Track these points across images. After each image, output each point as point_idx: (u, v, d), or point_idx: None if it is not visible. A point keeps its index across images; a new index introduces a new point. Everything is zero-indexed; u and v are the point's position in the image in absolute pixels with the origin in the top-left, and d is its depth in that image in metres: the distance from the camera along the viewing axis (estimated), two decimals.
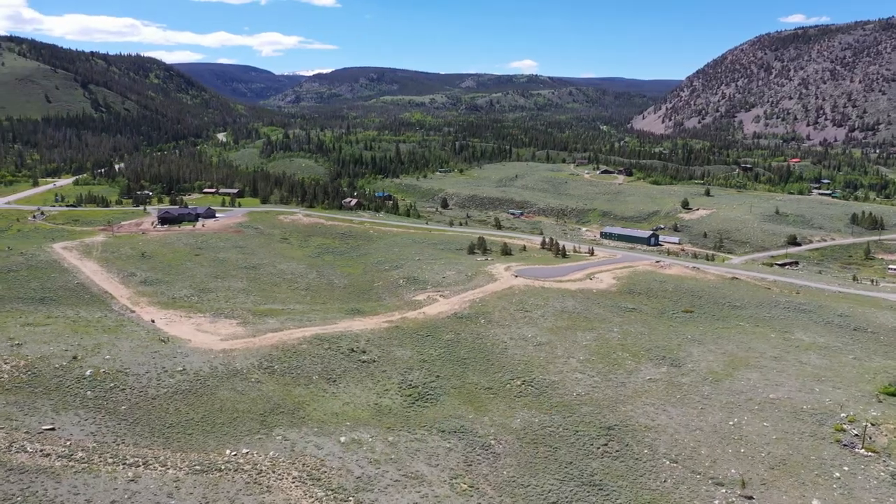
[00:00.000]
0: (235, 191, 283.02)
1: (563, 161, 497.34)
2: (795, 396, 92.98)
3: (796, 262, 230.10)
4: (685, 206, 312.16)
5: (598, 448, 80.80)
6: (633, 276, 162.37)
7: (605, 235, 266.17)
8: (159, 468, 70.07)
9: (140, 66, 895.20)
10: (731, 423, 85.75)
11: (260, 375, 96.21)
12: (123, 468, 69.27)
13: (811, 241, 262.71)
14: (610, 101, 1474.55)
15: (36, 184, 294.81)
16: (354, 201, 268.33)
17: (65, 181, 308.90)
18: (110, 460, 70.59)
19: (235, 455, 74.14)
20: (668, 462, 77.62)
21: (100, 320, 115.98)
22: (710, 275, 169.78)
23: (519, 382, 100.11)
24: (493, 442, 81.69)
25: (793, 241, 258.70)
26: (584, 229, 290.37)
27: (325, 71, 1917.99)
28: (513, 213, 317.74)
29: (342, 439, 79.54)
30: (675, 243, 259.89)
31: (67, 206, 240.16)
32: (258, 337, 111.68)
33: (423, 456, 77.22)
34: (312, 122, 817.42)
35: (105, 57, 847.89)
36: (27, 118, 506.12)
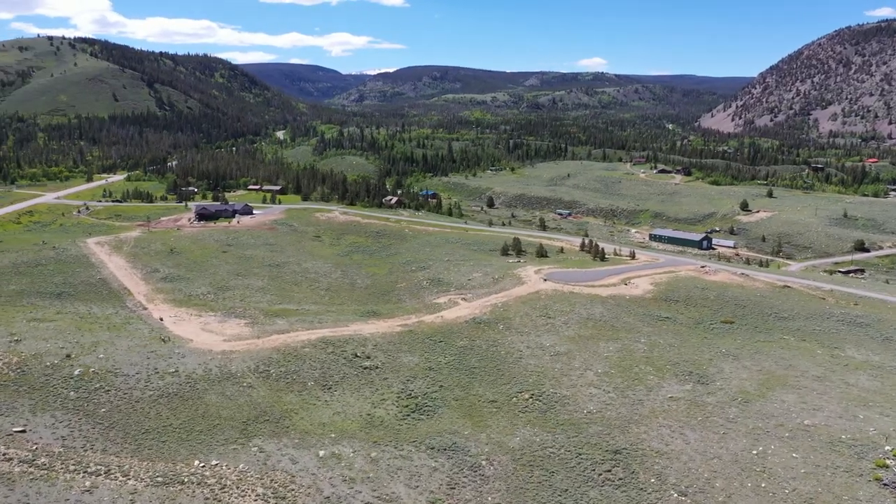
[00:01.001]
0: (278, 188, 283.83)
1: (620, 160, 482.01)
2: (834, 423, 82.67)
3: (862, 270, 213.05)
4: (744, 207, 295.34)
5: (601, 475, 73.09)
6: (672, 282, 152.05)
7: (654, 238, 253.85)
8: (120, 478, 66.52)
9: (206, 66, 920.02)
10: (754, 451, 76.47)
11: (253, 380, 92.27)
12: (83, 476, 66.02)
13: (881, 247, 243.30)
14: (678, 99, 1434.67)
15: (90, 179, 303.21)
16: (395, 199, 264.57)
17: (118, 177, 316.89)
18: (72, 467, 67.48)
19: (203, 467, 70.01)
20: (675, 494, 69.31)
21: (108, 317, 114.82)
22: (759, 282, 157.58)
23: (527, 396, 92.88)
24: (484, 462, 75.04)
25: (860, 247, 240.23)
26: (633, 231, 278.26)
27: (389, 70, 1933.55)
28: (560, 214, 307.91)
29: (321, 453, 74.49)
30: (729, 247, 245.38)
31: (113, 201, 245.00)
32: (262, 338, 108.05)
33: (404, 475, 71.33)
34: (371, 119, 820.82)
35: (173, 57, 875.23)
36: (94, 116, 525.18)
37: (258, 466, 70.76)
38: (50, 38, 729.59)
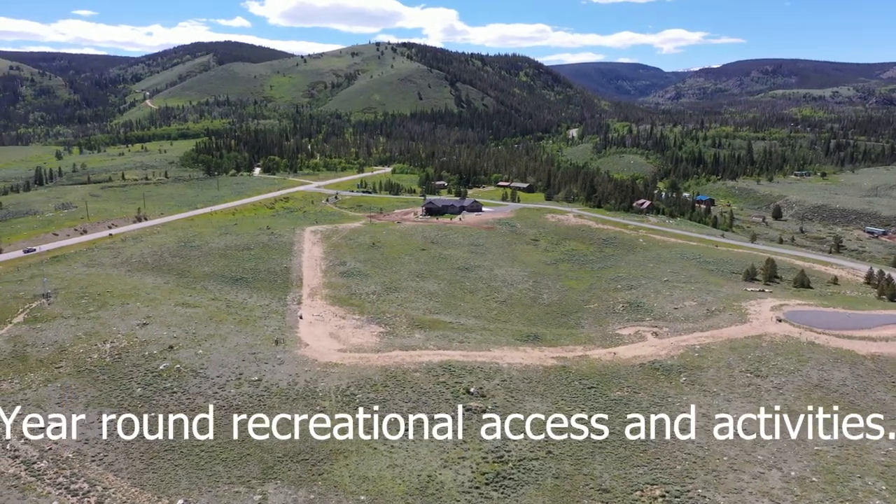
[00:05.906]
0: (525, 185, 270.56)
1: None
2: None
3: None
4: None
5: None
6: None
7: None
8: None
9: (512, 66, 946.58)
10: None
11: (331, 403, 79.42)
12: (58, 493, 59.59)
13: None
14: None
15: (361, 171, 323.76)
16: (647, 204, 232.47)
17: (386, 169, 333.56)
18: (60, 480, 61.61)
19: None
20: None
21: (252, 309, 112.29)
22: None
23: (657, 493, 64.88)
24: None
25: None
26: None
27: (713, 66, 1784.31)
28: (870, 232, 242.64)
29: None
30: None
31: (363, 192, 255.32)
32: (381, 353, 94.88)
33: None
34: (674, 117, 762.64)
35: (482, 58, 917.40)
36: (398, 113, 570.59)
37: None
38: (377, 44, 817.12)
